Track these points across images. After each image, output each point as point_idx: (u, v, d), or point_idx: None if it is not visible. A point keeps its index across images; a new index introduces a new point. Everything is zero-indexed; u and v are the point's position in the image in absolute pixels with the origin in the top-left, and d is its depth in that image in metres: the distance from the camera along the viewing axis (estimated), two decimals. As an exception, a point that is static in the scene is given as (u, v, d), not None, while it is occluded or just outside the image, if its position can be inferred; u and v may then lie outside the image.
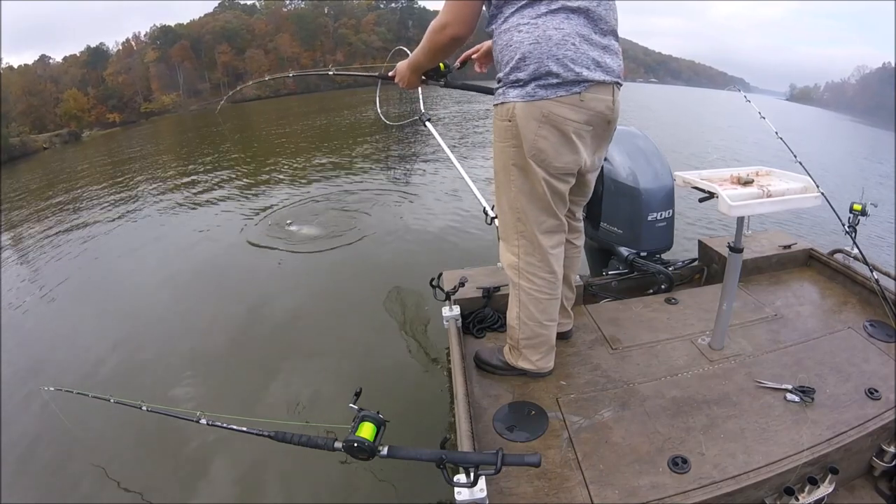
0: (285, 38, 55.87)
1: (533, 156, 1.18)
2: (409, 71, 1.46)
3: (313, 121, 16.95)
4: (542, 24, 1.11)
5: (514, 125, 1.17)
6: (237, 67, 53.08)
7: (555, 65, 1.11)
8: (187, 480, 1.88)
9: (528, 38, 1.11)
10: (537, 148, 1.17)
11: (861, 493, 1.20)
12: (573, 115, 1.15)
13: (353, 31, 60.14)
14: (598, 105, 1.17)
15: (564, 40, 1.11)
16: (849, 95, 68.00)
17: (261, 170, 8.28)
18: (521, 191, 1.24)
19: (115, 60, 49.75)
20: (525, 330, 1.38)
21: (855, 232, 1.76)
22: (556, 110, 1.14)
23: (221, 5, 57.48)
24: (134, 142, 17.49)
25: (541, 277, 1.33)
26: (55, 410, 2.05)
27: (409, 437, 1.88)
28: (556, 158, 1.19)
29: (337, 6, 61.90)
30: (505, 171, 1.25)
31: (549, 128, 1.15)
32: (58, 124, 37.08)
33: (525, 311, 1.36)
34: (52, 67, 47.11)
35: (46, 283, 4.08)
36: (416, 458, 0.96)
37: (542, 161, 1.19)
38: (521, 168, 1.22)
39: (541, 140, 1.16)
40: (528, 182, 1.23)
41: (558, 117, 1.14)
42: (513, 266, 1.35)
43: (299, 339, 2.81)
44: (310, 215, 5.09)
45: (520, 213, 1.27)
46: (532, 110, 1.14)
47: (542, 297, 1.35)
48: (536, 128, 1.15)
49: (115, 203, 6.81)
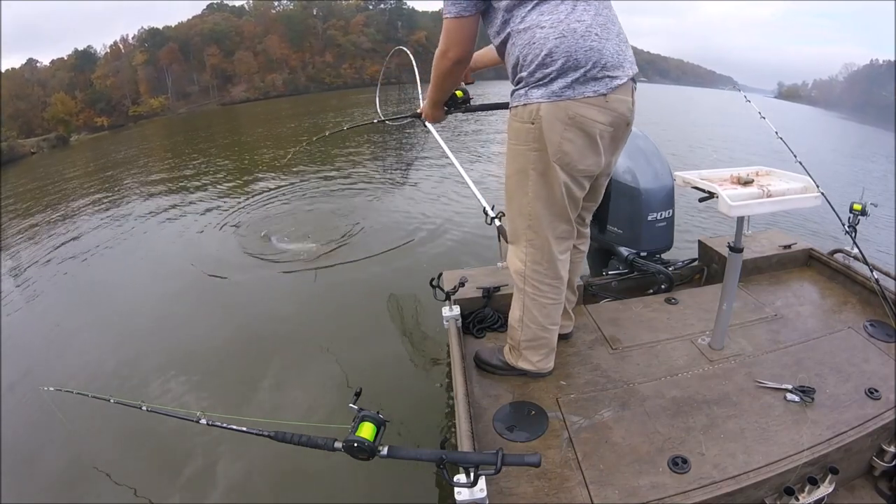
0: (274, 40, 55.77)
1: (558, 159, 1.17)
2: (430, 108, 1.52)
3: (307, 122, 16.93)
4: (564, 17, 1.10)
5: (537, 128, 1.15)
6: (226, 69, 53.13)
7: (583, 58, 1.10)
8: (187, 480, 1.88)
9: (552, 34, 1.10)
10: (563, 151, 1.16)
11: (861, 493, 1.20)
12: (600, 116, 1.14)
13: (342, 32, 59.99)
14: (621, 106, 1.17)
15: (588, 32, 1.10)
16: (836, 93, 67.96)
17: (256, 169, 8.28)
18: (537, 196, 1.23)
19: (104, 63, 49.67)
20: (527, 332, 1.38)
21: (855, 232, 1.76)
22: (583, 112, 1.12)
23: (210, 7, 57.40)
24: (122, 146, 17.42)
25: (546, 284, 1.32)
26: (55, 410, 2.05)
27: (409, 437, 1.88)
28: (580, 161, 1.18)
29: (325, 7, 61.80)
30: (521, 175, 1.23)
31: (575, 130, 1.14)
32: (45, 128, 36.51)
33: (528, 314, 1.36)
34: (39, 71, 46.96)
35: (40, 285, 4.07)
36: (416, 458, 0.96)
37: (566, 164, 1.18)
38: (540, 173, 1.20)
39: (566, 143, 1.15)
40: (546, 187, 1.21)
41: (586, 119, 1.13)
42: (519, 272, 1.34)
43: (299, 339, 2.80)
44: (309, 215, 5.08)
45: (532, 219, 1.26)
46: (558, 112, 1.13)
47: (547, 301, 1.34)
48: (562, 130, 1.14)
49: (104, 207, 6.73)
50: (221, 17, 55.63)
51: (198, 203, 6.14)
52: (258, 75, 53.70)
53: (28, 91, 42.10)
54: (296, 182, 6.84)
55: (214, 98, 50.70)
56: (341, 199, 5.69)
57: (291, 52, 56.61)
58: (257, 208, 5.52)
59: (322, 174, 7.33)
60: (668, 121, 14.38)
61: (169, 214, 5.81)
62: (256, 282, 3.55)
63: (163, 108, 46.93)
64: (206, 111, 42.14)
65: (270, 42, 55.43)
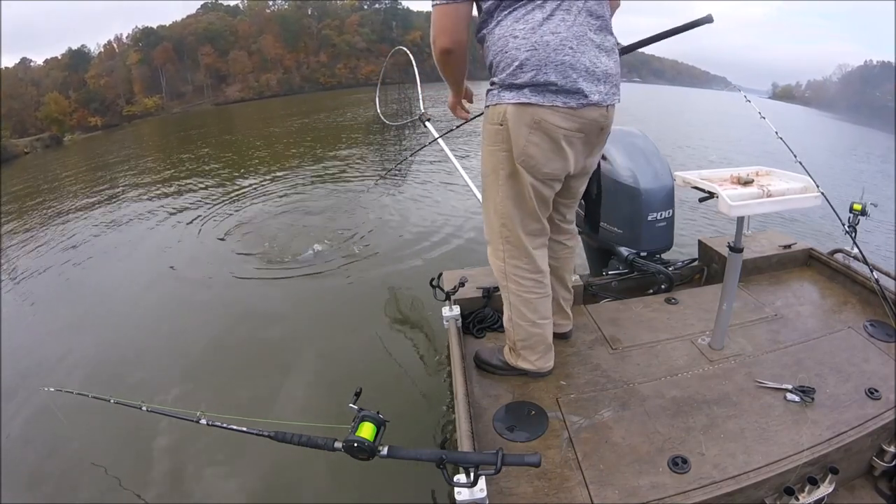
0: (269, 40, 55.62)
1: (522, 161, 1.18)
2: (452, 100, 1.43)
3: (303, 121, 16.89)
4: (538, 26, 1.09)
5: (505, 129, 1.16)
6: (220, 69, 52.96)
7: (553, 73, 1.09)
8: (187, 481, 1.88)
9: (524, 45, 1.09)
10: (527, 154, 1.17)
11: (861, 493, 1.20)
12: (565, 122, 1.13)
13: (337, 32, 59.84)
14: (592, 113, 1.16)
15: (562, 45, 1.09)
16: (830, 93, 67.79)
17: (250, 170, 8.27)
18: (507, 195, 1.25)
19: (97, 63, 49.38)
20: (519, 331, 1.39)
21: (855, 232, 1.76)
22: (548, 118, 1.12)
23: (204, 6, 57.18)
24: (116, 146, 17.37)
25: (527, 278, 1.34)
26: (55, 411, 2.05)
27: (409, 437, 1.88)
28: (544, 164, 1.19)
29: (320, 7, 61.61)
30: (493, 176, 1.25)
31: (540, 134, 1.14)
32: (39, 128, 36.09)
33: (516, 312, 1.37)
34: (33, 70, 46.63)
35: (36, 286, 4.06)
36: (416, 458, 0.96)
37: (531, 167, 1.19)
38: (508, 173, 1.22)
39: (531, 146, 1.16)
40: (515, 187, 1.23)
41: (549, 125, 1.13)
42: (500, 270, 1.36)
43: (299, 339, 2.80)
44: (308, 216, 5.08)
45: (505, 217, 1.28)
46: (524, 115, 1.13)
47: (532, 296, 1.35)
48: (527, 133, 1.14)
49: (99, 207, 6.69)
50: (216, 17, 55.43)
51: (194, 203, 6.12)
52: (253, 75, 53.61)
53: (21, 90, 41.81)
54: (295, 182, 6.85)
55: (209, 98, 50.53)
56: (341, 199, 5.69)
57: (286, 51, 56.47)
58: (257, 208, 5.52)
59: (321, 174, 7.34)
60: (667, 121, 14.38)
61: (165, 215, 5.80)
62: (256, 282, 3.55)
63: (157, 107, 46.74)
64: (200, 111, 42.01)
65: (265, 42, 55.29)
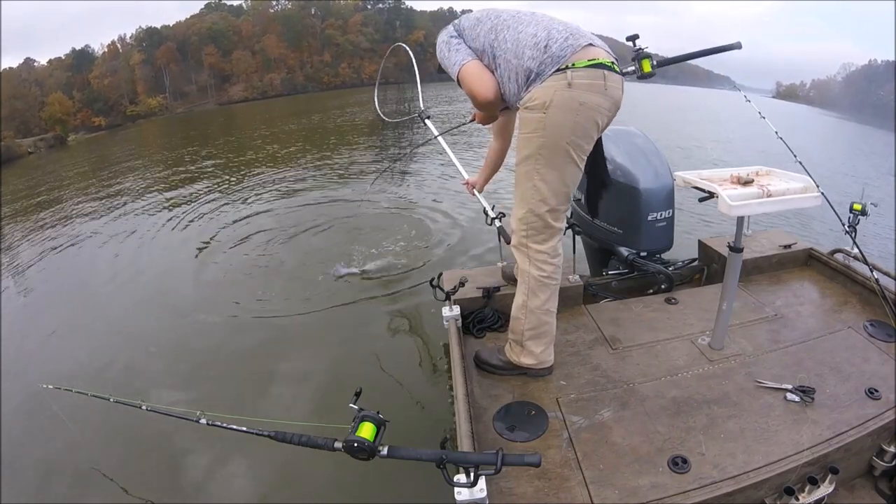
0: (272, 40, 55.67)
1: (570, 142, 1.26)
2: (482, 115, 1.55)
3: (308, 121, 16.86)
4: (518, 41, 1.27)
5: (547, 115, 1.23)
6: (224, 69, 53.00)
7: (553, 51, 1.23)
8: (186, 481, 1.88)
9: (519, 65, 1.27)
10: (575, 134, 1.25)
11: (861, 493, 1.20)
12: (603, 101, 1.25)
13: (340, 31, 59.90)
14: (616, 93, 1.28)
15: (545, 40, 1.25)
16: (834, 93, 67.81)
17: (254, 168, 8.27)
18: (543, 179, 1.30)
19: (101, 63, 49.38)
20: (531, 319, 1.40)
21: (855, 232, 1.76)
22: (590, 99, 1.23)
23: (208, 6, 57.22)
24: (119, 146, 17.40)
25: (550, 264, 1.38)
26: (54, 409, 2.05)
27: (409, 437, 1.87)
28: (586, 142, 1.29)
29: (323, 7, 61.68)
30: (531, 161, 1.30)
31: (585, 113, 1.24)
32: (42, 128, 36.38)
33: (534, 298, 1.39)
34: (36, 71, 46.71)
35: (37, 285, 4.07)
36: (416, 458, 0.96)
37: (577, 147, 1.27)
38: (547, 158, 1.28)
39: (579, 127, 1.25)
40: (553, 170, 1.29)
41: (591, 104, 1.23)
42: (524, 254, 1.39)
43: (299, 339, 2.80)
44: (306, 215, 5.08)
45: (534, 203, 1.33)
46: (568, 101, 1.22)
47: (552, 283, 1.39)
48: (574, 116, 1.23)
49: (102, 207, 6.68)
50: (219, 17, 55.47)
51: (197, 203, 6.12)
52: (256, 75, 53.67)
53: (25, 91, 41.85)
54: (295, 182, 6.84)
55: (212, 97, 50.63)
56: (341, 199, 5.68)
57: (289, 51, 56.51)
58: (259, 208, 5.52)
59: (321, 174, 7.34)
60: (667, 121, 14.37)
61: (166, 215, 5.79)
62: (255, 282, 3.55)
63: (160, 107, 46.82)
64: (203, 111, 42.08)
65: (268, 41, 55.34)
